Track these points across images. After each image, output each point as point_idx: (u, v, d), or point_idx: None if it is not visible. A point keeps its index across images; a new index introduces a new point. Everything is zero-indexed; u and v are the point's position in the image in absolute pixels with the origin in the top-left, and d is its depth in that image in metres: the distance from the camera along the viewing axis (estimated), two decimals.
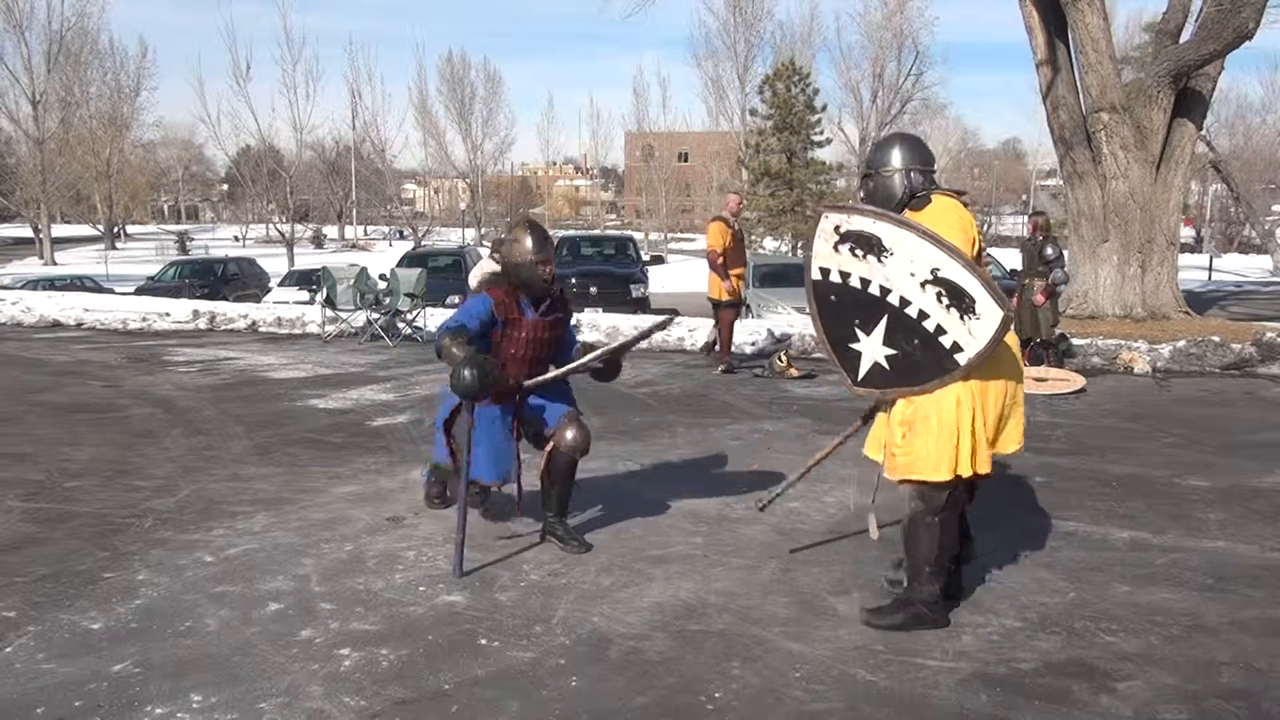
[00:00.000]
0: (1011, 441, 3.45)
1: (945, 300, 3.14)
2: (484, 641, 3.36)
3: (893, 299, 3.25)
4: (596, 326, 11.96)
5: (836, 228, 3.32)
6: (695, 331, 11.62)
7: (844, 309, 3.38)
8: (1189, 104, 12.81)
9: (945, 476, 3.28)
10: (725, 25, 48.54)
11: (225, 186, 68.52)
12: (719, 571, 4.04)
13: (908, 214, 3.39)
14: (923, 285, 3.17)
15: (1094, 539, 4.46)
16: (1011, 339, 3.39)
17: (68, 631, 3.41)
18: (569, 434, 4.26)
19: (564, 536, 4.35)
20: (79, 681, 3.05)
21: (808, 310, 3.60)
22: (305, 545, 4.32)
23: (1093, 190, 12.82)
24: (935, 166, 3.60)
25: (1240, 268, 35.19)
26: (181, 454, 6.02)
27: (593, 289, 16.54)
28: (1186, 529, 4.61)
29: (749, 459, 6.00)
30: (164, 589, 3.80)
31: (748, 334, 11.44)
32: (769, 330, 11.50)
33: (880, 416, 3.53)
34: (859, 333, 3.35)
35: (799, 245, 38.84)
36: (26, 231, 50.66)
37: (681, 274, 33.45)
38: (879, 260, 3.24)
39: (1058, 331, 9.51)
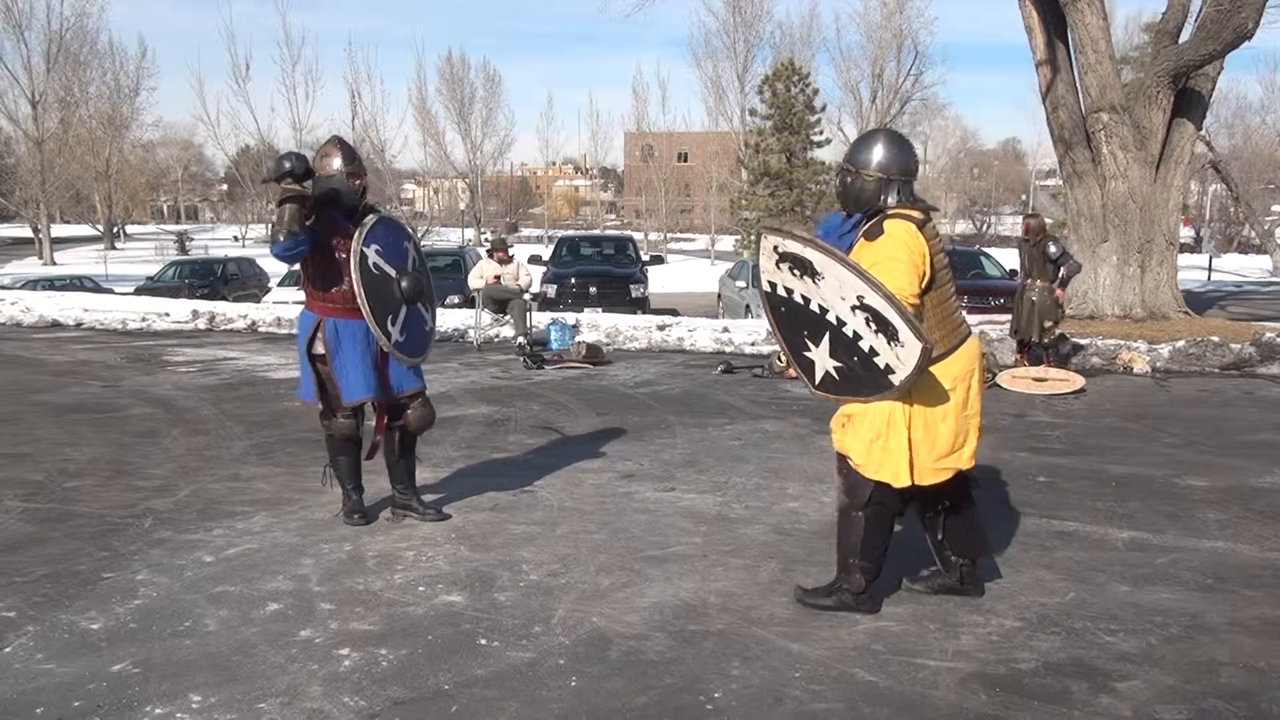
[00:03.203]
0: (961, 460, 3.48)
1: (873, 326, 3.21)
2: (484, 641, 3.36)
3: (831, 318, 3.33)
4: (596, 326, 11.96)
5: (775, 248, 3.39)
6: (695, 332, 11.63)
7: (794, 321, 3.45)
8: (1188, 104, 12.81)
9: (871, 475, 3.41)
10: (725, 25, 48.48)
11: (225, 186, 68.50)
12: (719, 571, 4.04)
13: (860, 241, 3.43)
14: (852, 310, 3.24)
15: (1094, 539, 4.46)
16: (950, 368, 3.38)
17: (67, 631, 3.41)
18: (419, 413, 4.63)
19: (420, 508, 4.69)
20: (78, 681, 3.05)
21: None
22: (305, 545, 4.32)
23: (1092, 190, 12.81)
24: (916, 174, 3.56)
25: (1240, 268, 35.18)
26: (181, 454, 6.02)
27: (592, 289, 16.54)
28: (1186, 529, 4.61)
29: None
30: (163, 589, 3.80)
31: (746, 334, 11.45)
32: (768, 330, 11.50)
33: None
34: (809, 344, 3.44)
35: None
36: (26, 231, 50.66)
37: (681, 274, 33.48)
38: (814, 282, 3.31)
39: (1057, 332, 9.50)
